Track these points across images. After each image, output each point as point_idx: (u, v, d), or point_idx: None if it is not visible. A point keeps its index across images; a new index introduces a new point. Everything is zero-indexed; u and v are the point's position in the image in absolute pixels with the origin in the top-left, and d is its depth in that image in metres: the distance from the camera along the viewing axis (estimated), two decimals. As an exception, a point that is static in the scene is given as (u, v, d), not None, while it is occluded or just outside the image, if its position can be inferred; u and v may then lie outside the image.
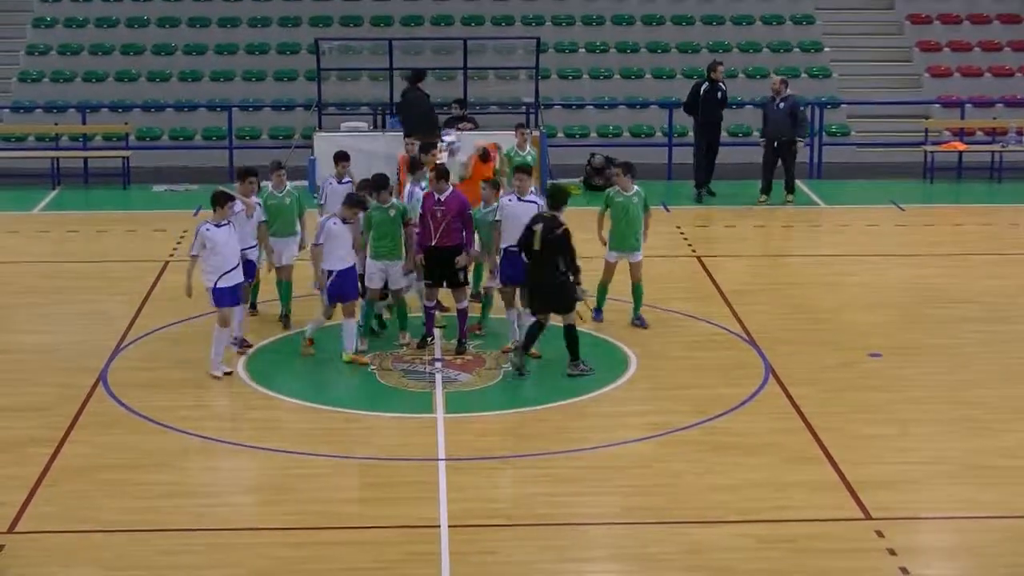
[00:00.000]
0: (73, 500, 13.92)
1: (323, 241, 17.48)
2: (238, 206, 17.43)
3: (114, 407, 16.45)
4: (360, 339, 18.21)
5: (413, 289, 18.62)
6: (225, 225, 17.01)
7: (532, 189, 18.39)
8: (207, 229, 16.91)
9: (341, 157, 19.78)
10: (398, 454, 15.11)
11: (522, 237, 17.35)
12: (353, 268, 17.72)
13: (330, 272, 17.53)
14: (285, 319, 19.08)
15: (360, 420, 16.17)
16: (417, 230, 18.05)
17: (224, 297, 17.05)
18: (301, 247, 19.13)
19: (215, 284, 16.96)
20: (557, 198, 17.62)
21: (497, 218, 18.12)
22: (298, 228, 19.09)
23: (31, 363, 18.04)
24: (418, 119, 25.98)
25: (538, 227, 17.19)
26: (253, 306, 19.32)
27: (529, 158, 21.62)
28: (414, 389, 17.04)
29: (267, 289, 19.54)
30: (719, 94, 27.79)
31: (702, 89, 27.86)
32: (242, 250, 17.56)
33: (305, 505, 13.84)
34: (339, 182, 19.49)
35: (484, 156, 20.42)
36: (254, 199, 18.28)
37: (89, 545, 13.01)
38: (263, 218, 18.34)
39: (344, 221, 17.56)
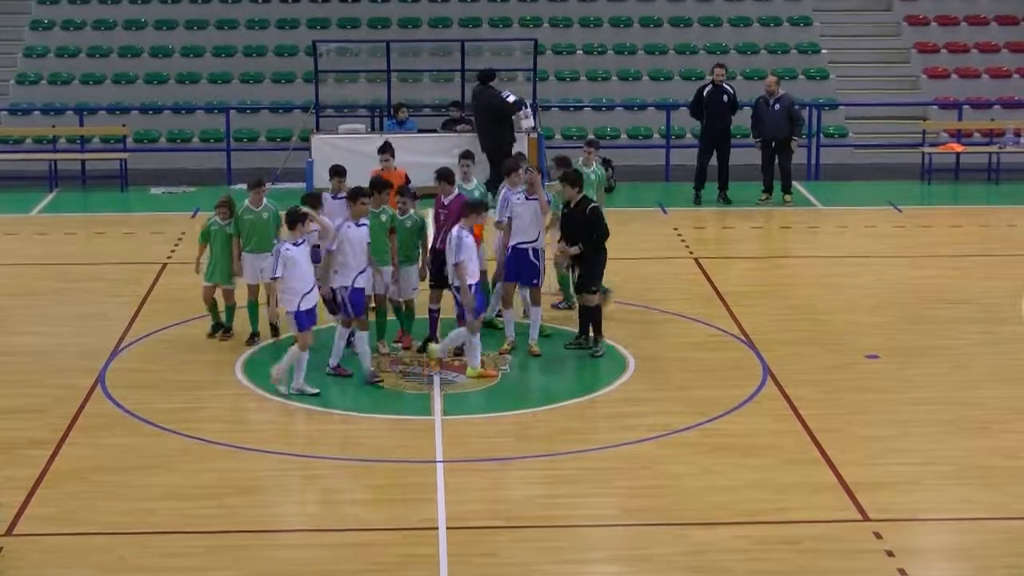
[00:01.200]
0: (72, 502, 13.92)
1: (464, 257, 17.01)
2: (312, 226, 17.10)
3: (112, 409, 16.45)
4: (380, 342, 18.23)
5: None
6: (302, 244, 16.62)
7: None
8: (287, 249, 16.46)
9: (337, 172, 19.07)
10: (396, 456, 15.11)
11: (606, 226, 17.91)
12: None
13: (470, 285, 17.10)
14: (252, 338, 18.59)
15: (358, 422, 16.16)
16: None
17: (305, 319, 16.61)
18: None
19: (298, 307, 16.56)
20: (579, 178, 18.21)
21: (509, 215, 18.12)
22: (276, 244, 18.38)
23: (29, 365, 18.04)
24: (493, 118, 26.33)
25: None
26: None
27: (593, 176, 20.06)
28: (412, 391, 17.04)
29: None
30: (724, 97, 27.62)
31: (705, 92, 27.75)
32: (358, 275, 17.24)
33: (303, 507, 13.86)
34: (334, 197, 18.67)
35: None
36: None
37: (88, 547, 13.01)
38: (367, 240, 17.55)
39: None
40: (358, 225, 17.26)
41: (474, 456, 15.06)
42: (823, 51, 35.20)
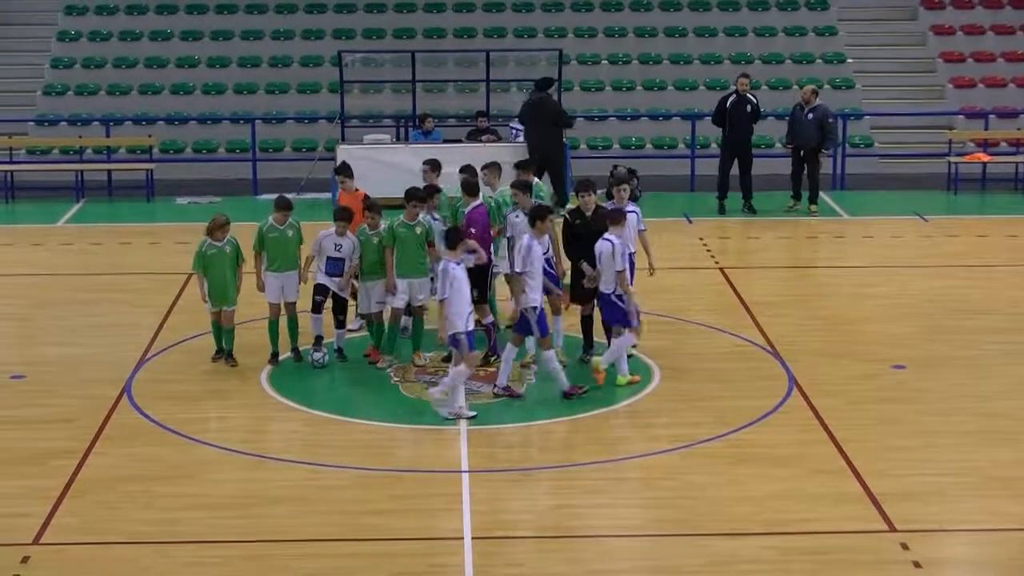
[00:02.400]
0: (97, 511, 13.95)
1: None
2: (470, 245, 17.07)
3: (138, 419, 16.48)
4: (416, 353, 18.27)
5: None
6: (461, 264, 16.38)
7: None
8: (454, 268, 16.17)
9: (430, 191, 18.48)
10: (422, 466, 15.11)
11: None
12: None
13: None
14: (295, 352, 18.38)
15: (383, 432, 16.17)
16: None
17: (470, 339, 16.34)
18: (304, 281, 18.36)
19: (466, 328, 16.22)
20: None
21: (509, 234, 18.06)
22: (300, 262, 18.30)
23: (56, 375, 18.09)
24: (549, 126, 26.77)
25: None
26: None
27: (493, 202, 18.73)
28: (437, 401, 17.05)
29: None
30: (748, 107, 27.61)
31: (729, 102, 27.74)
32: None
33: (328, 517, 13.84)
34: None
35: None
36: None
37: (113, 557, 13.03)
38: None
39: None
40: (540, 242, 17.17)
41: (499, 466, 15.06)
42: (848, 61, 35.16)
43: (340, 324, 18.37)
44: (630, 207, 18.20)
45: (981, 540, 13.51)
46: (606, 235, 17.18)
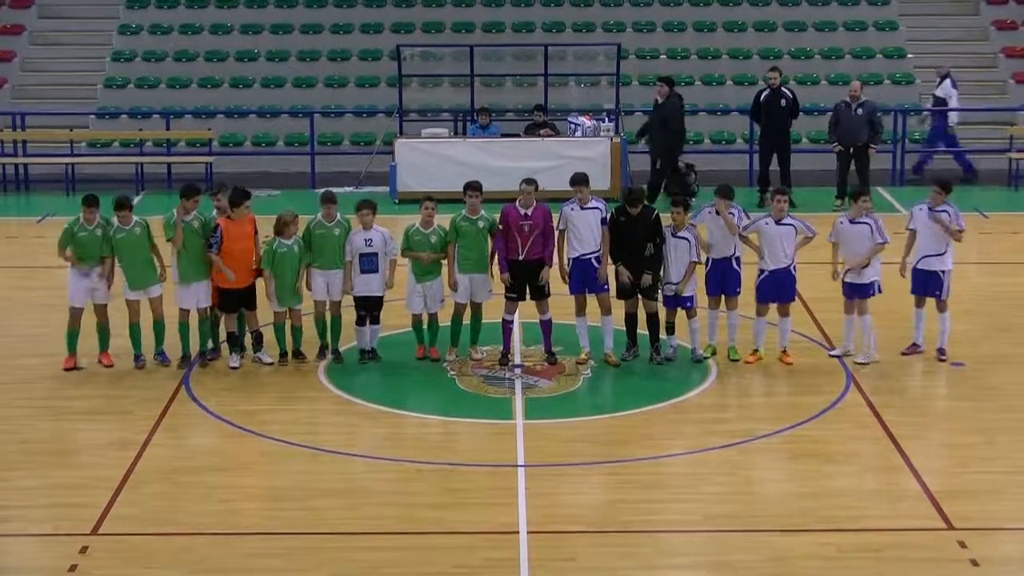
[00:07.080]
0: (155, 502, 14.05)
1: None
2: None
3: (196, 410, 16.58)
4: (473, 347, 18.28)
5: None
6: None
7: (591, 197, 18.10)
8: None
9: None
10: (477, 459, 15.14)
11: None
12: None
13: None
14: (336, 353, 18.23)
15: (439, 425, 16.21)
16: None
17: None
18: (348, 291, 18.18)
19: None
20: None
21: (562, 227, 17.95)
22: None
23: (115, 367, 18.17)
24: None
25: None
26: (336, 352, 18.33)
27: (481, 223, 18.17)
28: (494, 395, 17.07)
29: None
30: (782, 101, 27.63)
31: (762, 97, 27.85)
32: None
33: (385, 509, 13.89)
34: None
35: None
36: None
37: (171, 547, 13.12)
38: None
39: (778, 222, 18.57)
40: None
41: (555, 460, 15.07)
42: (909, 56, 34.93)
43: (374, 320, 18.17)
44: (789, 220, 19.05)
45: (1040, 539, 13.45)
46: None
